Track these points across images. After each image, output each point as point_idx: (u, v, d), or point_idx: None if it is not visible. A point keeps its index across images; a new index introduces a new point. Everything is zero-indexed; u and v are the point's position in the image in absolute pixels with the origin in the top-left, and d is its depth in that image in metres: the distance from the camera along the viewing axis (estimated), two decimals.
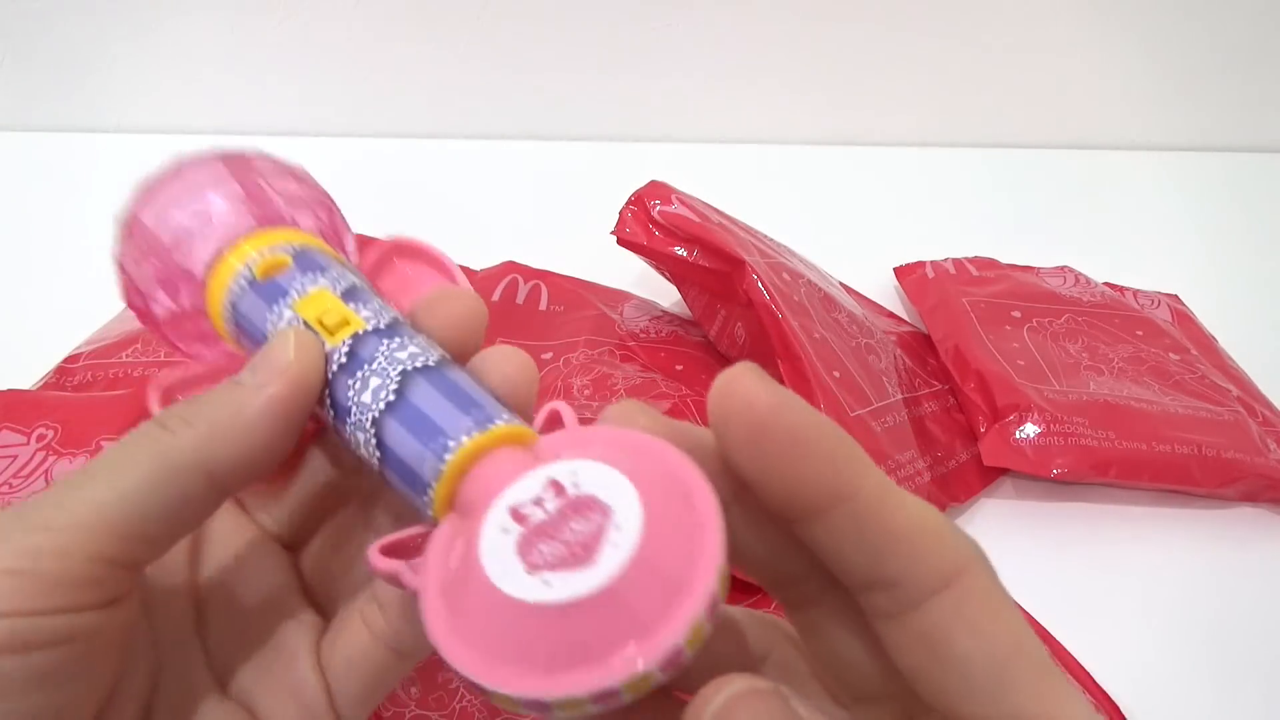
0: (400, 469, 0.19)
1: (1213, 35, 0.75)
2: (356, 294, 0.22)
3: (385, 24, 0.73)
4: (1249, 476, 0.45)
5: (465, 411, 0.19)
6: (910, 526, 0.17)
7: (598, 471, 0.17)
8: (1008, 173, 0.76)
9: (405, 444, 0.19)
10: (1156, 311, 0.57)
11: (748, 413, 0.17)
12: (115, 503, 0.18)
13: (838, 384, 0.45)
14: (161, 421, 0.19)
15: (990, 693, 0.17)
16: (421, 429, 0.18)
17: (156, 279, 0.23)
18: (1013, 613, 0.18)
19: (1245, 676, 0.39)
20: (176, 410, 0.19)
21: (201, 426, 0.19)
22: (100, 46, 0.74)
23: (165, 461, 0.18)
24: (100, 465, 0.18)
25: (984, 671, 0.17)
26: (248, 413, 0.19)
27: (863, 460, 0.18)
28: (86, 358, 0.46)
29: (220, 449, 0.19)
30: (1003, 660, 0.17)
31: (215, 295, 0.23)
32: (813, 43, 0.75)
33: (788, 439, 0.17)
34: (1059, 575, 0.43)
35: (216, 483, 0.19)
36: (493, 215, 0.67)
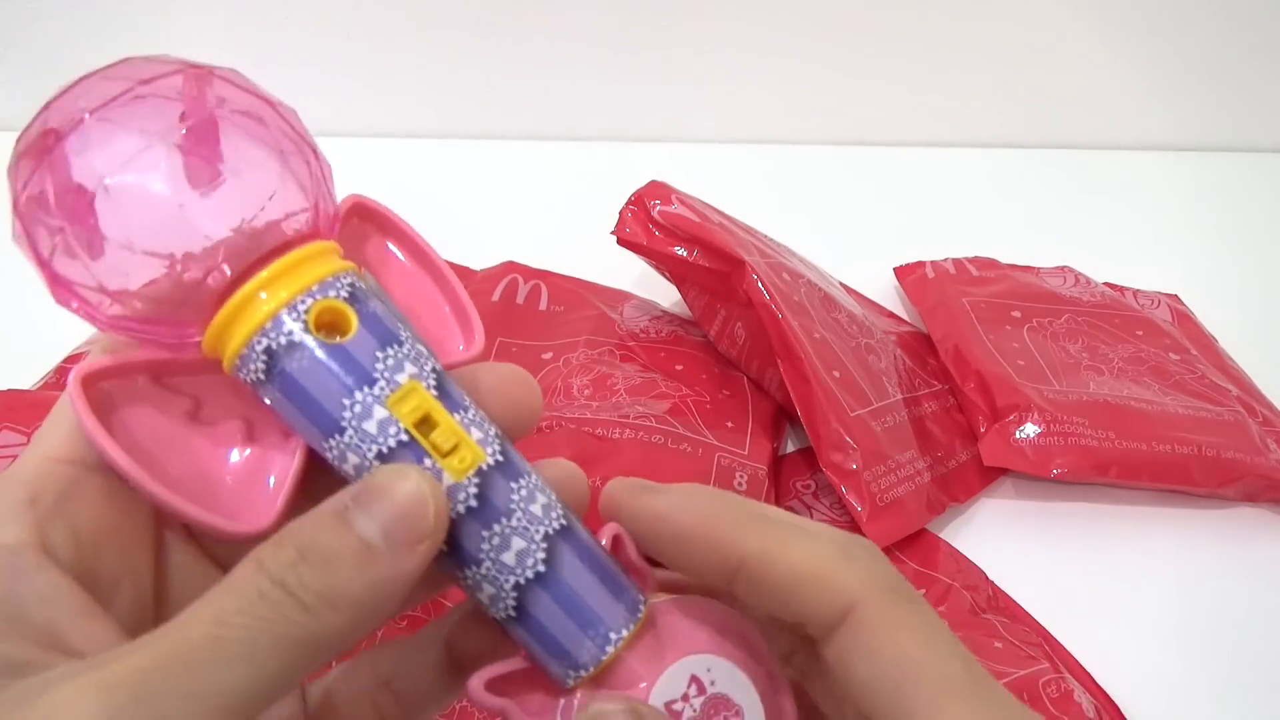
0: (544, 639, 0.19)
1: (1213, 35, 0.75)
2: (445, 387, 0.19)
3: (385, 24, 0.73)
4: (1249, 476, 0.45)
5: (618, 598, 0.20)
6: (795, 574, 0.19)
7: (725, 670, 0.19)
8: (1008, 173, 0.76)
9: (558, 623, 0.19)
10: (1156, 311, 0.57)
11: (636, 529, 0.20)
12: (251, 690, 0.16)
13: (838, 384, 0.45)
14: (298, 597, 0.17)
15: (891, 714, 0.18)
16: (580, 614, 0.19)
17: (88, 250, 0.18)
18: (914, 633, 0.18)
19: (1245, 676, 0.39)
20: (308, 582, 0.17)
21: (347, 612, 0.17)
22: (100, 46, 0.74)
23: (308, 649, 0.17)
24: (234, 641, 0.16)
25: (883, 695, 0.18)
26: (388, 589, 0.18)
27: (742, 525, 0.19)
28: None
29: (360, 631, 0.18)
30: (897, 683, 0.18)
31: (236, 328, 0.19)
32: (813, 43, 0.75)
33: (670, 540, 0.20)
34: (1059, 575, 0.43)
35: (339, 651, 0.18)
36: (493, 215, 0.67)
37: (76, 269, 0.19)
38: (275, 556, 0.17)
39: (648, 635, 0.20)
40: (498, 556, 0.19)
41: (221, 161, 0.19)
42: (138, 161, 0.18)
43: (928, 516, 0.44)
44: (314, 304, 0.18)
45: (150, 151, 0.18)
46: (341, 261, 0.20)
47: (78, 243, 0.18)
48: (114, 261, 0.18)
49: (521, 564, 0.19)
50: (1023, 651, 0.37)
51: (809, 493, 0.45)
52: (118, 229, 0.18)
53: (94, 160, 0.18)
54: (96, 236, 0.18)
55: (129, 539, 0.19)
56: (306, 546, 0.17)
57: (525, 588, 0.19)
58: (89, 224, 0.18)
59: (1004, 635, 0.38)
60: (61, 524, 0.18)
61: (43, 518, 0.18)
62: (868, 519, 0.42)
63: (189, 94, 0.19)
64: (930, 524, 0.44)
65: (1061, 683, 0.35)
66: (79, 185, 0.18)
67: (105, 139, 0.18)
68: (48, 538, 0.18)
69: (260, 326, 0.18)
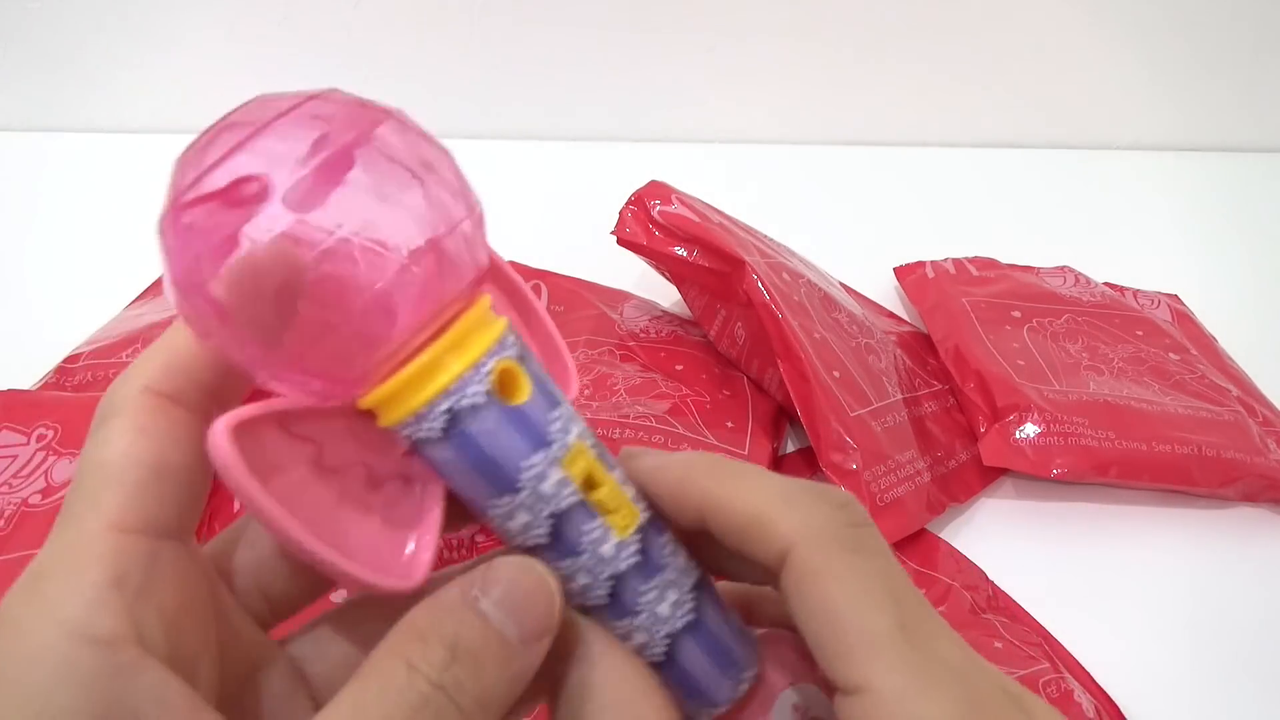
0: (689, 683, 0.20)
1: (1212, 35, 0.75)
2: (599, 446, 0.20)
3: (385, 24, 0.73)
4: (1249, 476, 0.45)
5: (747, 643, 0.21)
6: (742, 518, 0.19)
7: (814, 695, 0.21)
8: (1008, 173, 0.76)
9: (704, 669, 0.20)
10: (1156, 311, 0.57)
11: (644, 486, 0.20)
12: None
13: (838, 384, 0.45)
14: (457, 702, 0.17)
15: (825, 659, 0.18)
16: (723, 659, 0.20)
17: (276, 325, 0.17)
18: (842, 585, 0.18)
19: (1245, 676, 0.39)
20: (467, 687, 0.17)
21: (494, 714, 0.17)
22: (100, 46, 0.74)
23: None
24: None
25: (814, 644, 0.18)
26: (521, 686, 0.18)
27: (710, 475, 0.20)
28: (86, 358, 0.46)
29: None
30: (820, 634, 0.18)
31: (419, 388, 0.18)
32: (813, 43, 0.75)
33: (658, 494, 0.20)
34: (1059, 575, 0.43)
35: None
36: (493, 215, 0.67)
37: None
38: (427, 657, 0.17)
39: (773, 680, 0.21)
40: (654, 609, 0.19)
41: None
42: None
43: (928, 516, 0.44)
44: (494, 365, 0.18)
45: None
46: (500, 317, 0.19)
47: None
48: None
49: (674, 615, 0.20)
50: (1023, 651, 0.37)
51: None
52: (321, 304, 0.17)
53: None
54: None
55: (201, 613, 0.18)
56: (456, 645, 0.17)
57: (677, 636, 0.20)
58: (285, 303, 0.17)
59: (1004, 635, 0.38)
60: (151, 608, 0.16)
61: (132, 603, 0.16)
62: None
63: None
64: (930, 524, 0.44)
65: (1061, 683, 0.35)
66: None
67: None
68: (142, 626, 0.16)
69: (445, 389, 0.18)
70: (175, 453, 0.17)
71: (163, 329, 0.47)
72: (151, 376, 0.18)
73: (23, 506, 0.36)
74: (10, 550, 0.35)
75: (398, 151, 0.18)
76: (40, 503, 0.36)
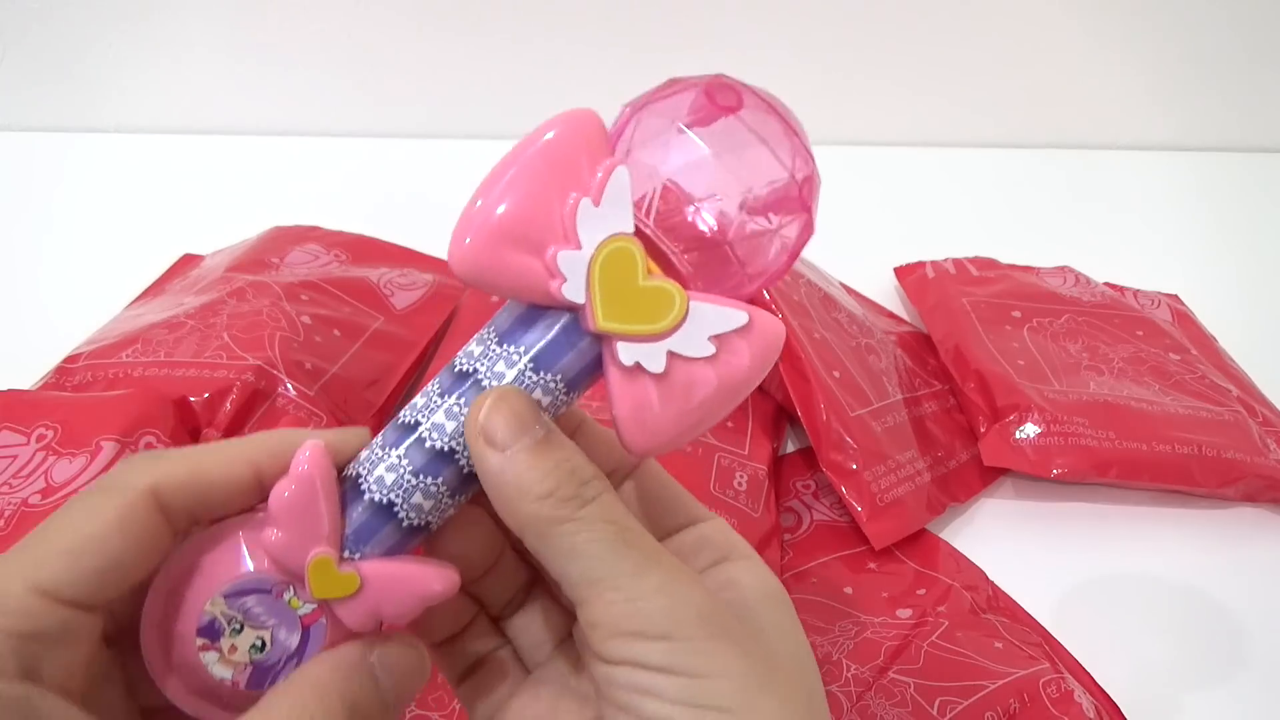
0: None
1: (1212, 35, 0.75)
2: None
3: (385, 24, 0.73)
4: (1249, 476, 0.45)
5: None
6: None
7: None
8: (1008, 173, 0.76)
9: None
10: (1156, 311, 0.57)
11: None
12: None
13: (838, 384, 0.45)
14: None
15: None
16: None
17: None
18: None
19: (1245, 676, 0.39)
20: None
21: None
22: (100, 46, 0.74)
23: None
24: None
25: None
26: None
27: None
28: (86, 358, 0.46)
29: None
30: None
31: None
32: (813, 43, 0.75)
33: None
34: (1059, 575, 0.43)
35: None
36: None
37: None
38: (327, 712, 0.20)
39: None
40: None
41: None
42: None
43: (928, 516, 0.44)
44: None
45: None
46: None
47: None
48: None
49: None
50: (1023, 651, 0.37)
51: (809, 493, 0.45)
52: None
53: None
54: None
55: (92, 676, 0.21)
56: (354, 707, 0.21)
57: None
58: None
59: (1004, 635, 0.38)
60: (48, 657, 0.19)
61: (29, 646, 0.19)
62: (868, 519, 0.42)
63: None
64: (930, 524, 0.44)
65: (1061, 683, 0.35)
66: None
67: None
68: (37, 669, 0.19)
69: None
70: (131, 552, 0.20)
71: (163, 329, 0.47)
72: (164, 480, 0.21)
73: (22, 506, 0.36)
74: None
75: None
76: (40, 503, 0.36)
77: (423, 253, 0.58)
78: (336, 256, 0.56)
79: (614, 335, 0.21)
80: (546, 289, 0.21)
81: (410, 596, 0.22)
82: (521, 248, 0.21)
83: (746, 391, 0.22)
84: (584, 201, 0.21)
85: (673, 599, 0.20)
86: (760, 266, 0.22)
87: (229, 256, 0.55)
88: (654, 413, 0.21)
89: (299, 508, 0.21)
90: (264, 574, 0.22)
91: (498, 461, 0.21)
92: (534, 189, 0.21)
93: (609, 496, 0.21)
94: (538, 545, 0.21)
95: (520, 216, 0.21)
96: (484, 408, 0.21)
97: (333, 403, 0.45)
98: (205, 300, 0.49)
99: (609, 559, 0.20)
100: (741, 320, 0.21)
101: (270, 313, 0.48)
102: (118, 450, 0.38)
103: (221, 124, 0.77)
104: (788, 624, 0.23)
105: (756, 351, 0.22)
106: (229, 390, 0.43)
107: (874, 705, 0.34)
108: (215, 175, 0.72)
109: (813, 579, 0.41)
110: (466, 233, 0.21)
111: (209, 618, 0.21)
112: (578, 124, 0.22)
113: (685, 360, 0.21)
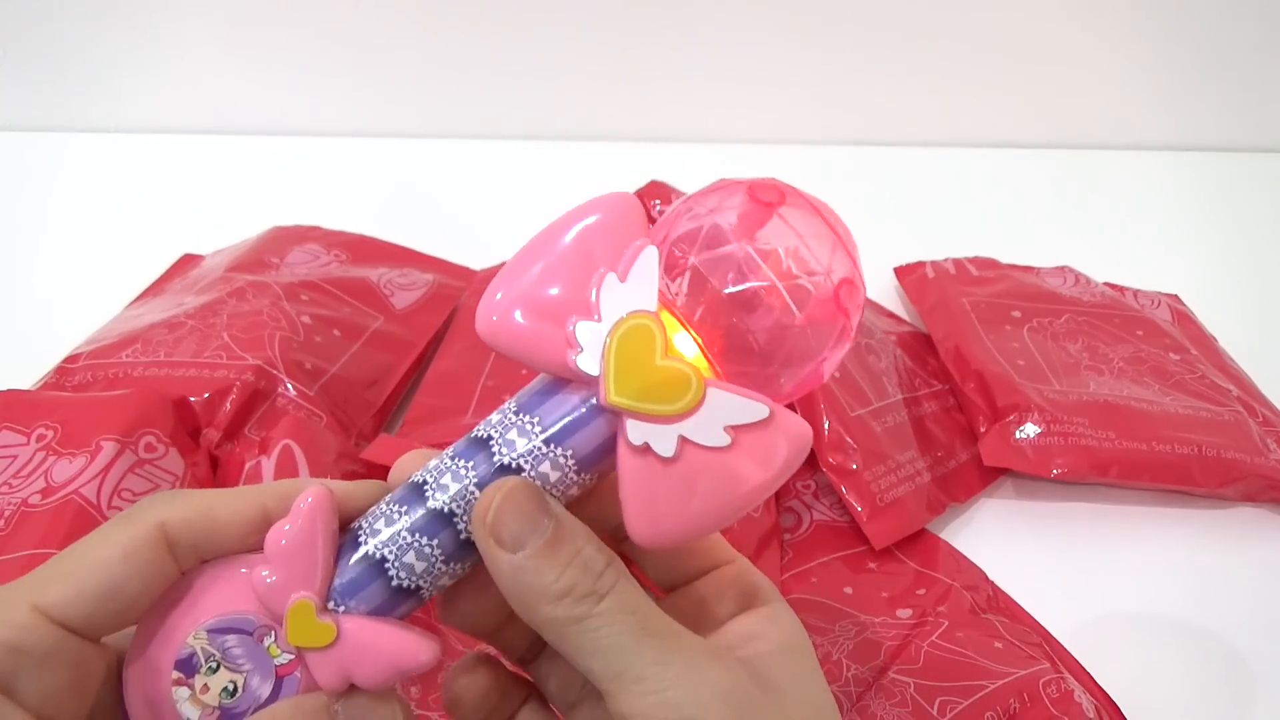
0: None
1: (1212, 35, 0.75)
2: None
3: (385, 24, 0.73)
4: (1249, 476, 0.45)
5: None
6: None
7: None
8: (1008, 173, 0.76)
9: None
10: (1156, 311, 0.57)
11: None
12: None
13: (838, 384, 0.45)
14: None
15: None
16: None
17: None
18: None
19: (1245, 676, 0.39)
20: None
21: None
22: (99, 46, 0.74)
23: None
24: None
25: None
26: None
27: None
28: (86, 358, 0.46)
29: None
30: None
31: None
32: (813, 43, 0.75)
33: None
34: (1059, 575, 0.43)
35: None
36: (493, 215, 0.67)
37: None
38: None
39: None
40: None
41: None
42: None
43: (928, 516, 0.44)
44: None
45: None
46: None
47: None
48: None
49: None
50: (1023, 651, 0.37)
51: (809, 493, 0.45)
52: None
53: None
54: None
55: (81, 702, 0.21)
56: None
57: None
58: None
59: (1004, 635, 0.38)
60: (34, 678, 0.19)
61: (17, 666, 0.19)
62: (868, 519, 0.42)
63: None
64: (930, 524, 0.44)
65: (1061, 683, 0.35)
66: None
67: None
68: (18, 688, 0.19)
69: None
70: (132, 581, 0.20)
71: (163, 329, 0.47)
72: (172, 516, 0.21)
73: (22, 506, 0.36)
74: (10, 550, 0.35)
75: None
76: (40, 503, 0.36)
77: (423, 253, 0.58)
78: (336, 256, 0.56)
79: (625, 412, 0.20)
80: (564, 359, 0.21)
81: (385, 661, 0.21)
82: (545, 316, 0.21)
83: (762, 492, 0.21)
84: (610, 276, 0.21)
85: (698, 684, 0.20)
86: (789, 366, 0.22)
87: (229, 256, 0.55)
88: (659, 500, 0.21)
89: (292, 550, 0.21)
90: (249, 614, 0.21)
91: (509, 564, 0.20)
92: (566, 260, 0.21)
93: (624, 583, 0.21)
94: (559, 643, 0.21)
95: (547, 284, 0.21)
96: (492, 505, 0.21)
97: (333, 403, 0.45)
98: (205, 300, 0.49)
99: (631, 650, 0.20)
100: (761, 414, 0.21)
101: (270, 313, 0.48)
102: (118, 450, 0.38)
103: (221, 124, 0.77)
104: (808, 674, 0.23)
105: (777, 449, 0.21)
106: (229, 390, 0.43)
107: (874, 705, 0.34)
108: (215, 175, 0.72)
109: (813, 579, 0.41)
110: (495, 294, 0.21)
111: (189, 651, 0.21)
112: (619, 206, 0.22)
113: (698, 448, 0.20)
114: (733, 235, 0.21)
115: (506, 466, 0.21)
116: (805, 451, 0.21)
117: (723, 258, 0.21)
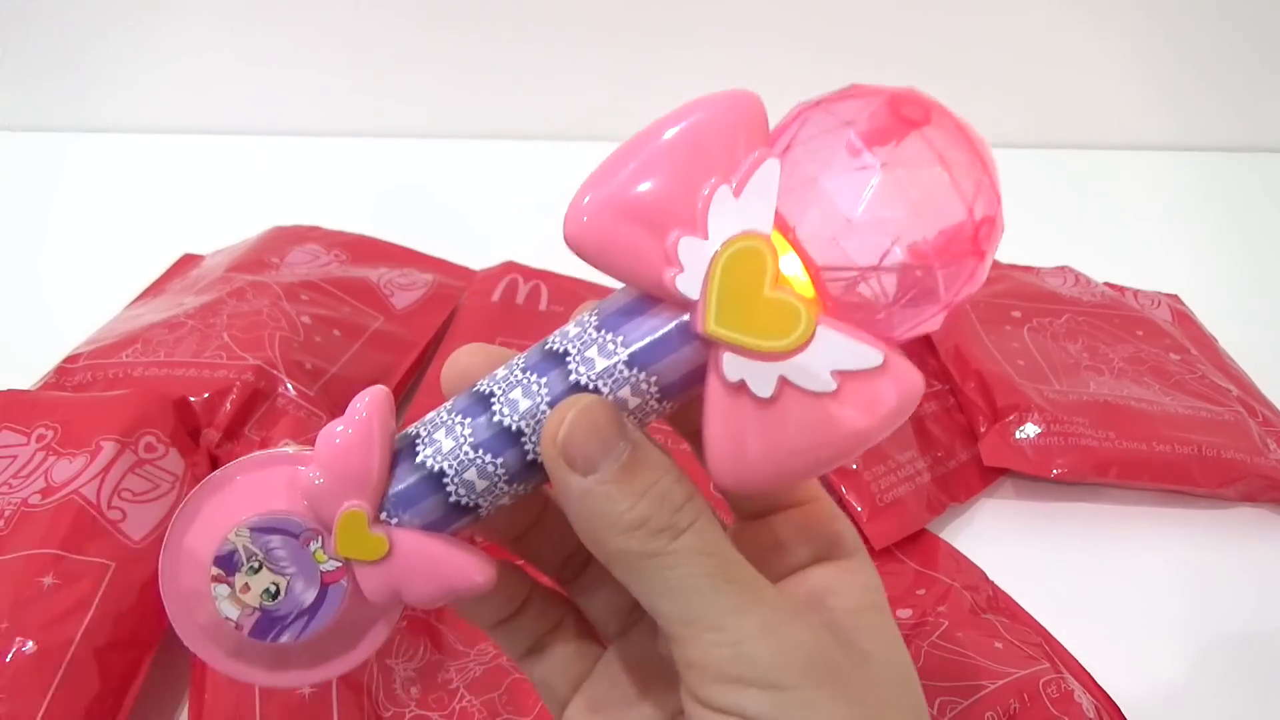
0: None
1: (1212, 35, 0.75)
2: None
3: (385, 24, 0.73)
4: (1249, 476, 0.45)
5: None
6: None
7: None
8: (1008, 173, 0.75)
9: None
10: (1156, 311, 0.57)
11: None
12: None
13: None
14: None
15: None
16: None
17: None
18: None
19: (1245, 676, 0.39)
20: None
21: None
22: (99, 46, 0.74)
23: None
24: None
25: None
26: None
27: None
28: (86, 358, 0.46)
29: None
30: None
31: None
32: (812, 42, 0.75)
33: None
34: (1059, 575, 0.43)
35: None
36: (493, 215, 0.67)
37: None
38: None
39: None
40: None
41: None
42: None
43: (928, 516, 0.44)
44: None
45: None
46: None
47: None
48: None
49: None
50: (1023, 651, 0.37)
51: None
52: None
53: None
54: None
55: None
56: None
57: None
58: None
59: (1004, 635, 0.38)
60: None
61: None
62: (868, 519, 0.42)
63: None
64: (930, 524, 0.44)
65: (1061, 683, 0.35)
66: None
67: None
68: None
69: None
70: None
71: (163, 329, 0.47)
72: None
73: (22, 506, 0.36)
74: (10, 550, 0.35)
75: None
76: (40, 503, 0.36)
77: (423, 253, 0.58)
78: (336, 256, 0.56)
79: (723, 344, 0.18)
80: (660, 277, 0.18)
81: (438, 580, 0.20)
82: (643, 224, 0.18)
83: (862, 444, 0.19)
84: (723, 189, 0.18)
85: (778, 641, 0.18)
86: (910, 307, 0.19)
87: (229, 256, 0.55)
88: (749, 442, 0.19)
89: (346, 454, 0.19)
90: (295, 515, 0.20)
91: (579, 488, 0.19)
92: (672, 163, 0.19)
93: (704, 521, 0.19)
94: (627, 578, 0.19)
95: (649, 188, 0.18)
96: (564, 424, 0.19)
97: (333, 403, 0.45)
98: (205, 300, 0.49)
99: (707, 596, 0.18)
100: (874, 360, 0.19)
101: (270, 313, 0.48)
102: (118, 450, 0.38)
103: (221, 124, 0.77)
104: (891, 639, 0.21)
105: (884, 400, 0.19)
106: (229, 390, 0.43)
107: None
108: (215, 175, 0.72)
109: None
110: (587, 194, 0.19)
111: (230, 547, 0.20)
112: (737, 105, 0.20)
113: (799, 391, 0.18)
114: (867, 156, 0.19)
115: (582, 386, 0.19)
116: (914, 405, 0.19)
117: (853, 182, 0.19)
